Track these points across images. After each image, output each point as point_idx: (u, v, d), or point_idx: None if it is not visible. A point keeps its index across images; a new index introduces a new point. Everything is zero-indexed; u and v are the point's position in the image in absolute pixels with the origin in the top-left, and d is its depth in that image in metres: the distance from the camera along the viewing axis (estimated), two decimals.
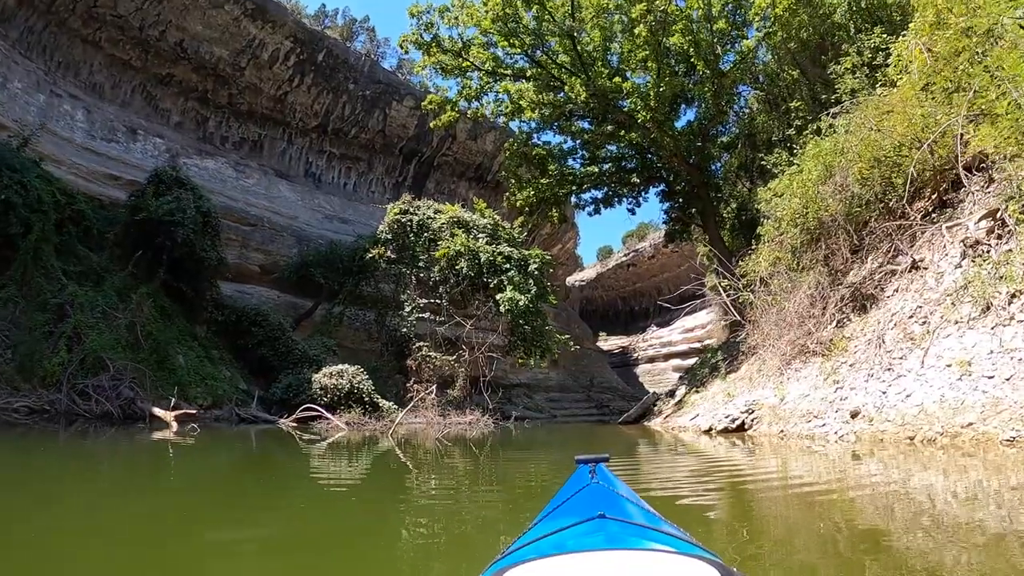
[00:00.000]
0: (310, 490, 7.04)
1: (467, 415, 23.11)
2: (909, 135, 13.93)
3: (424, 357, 26.19)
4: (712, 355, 22.00)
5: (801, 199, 14.82)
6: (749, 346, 18.40)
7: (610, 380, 44.19)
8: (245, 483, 7.98)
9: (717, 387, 17.71)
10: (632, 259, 54.23)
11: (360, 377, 22.49)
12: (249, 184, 34.43)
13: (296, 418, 20.06)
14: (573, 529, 1.67)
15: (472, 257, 25.31)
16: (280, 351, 24.73)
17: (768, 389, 13.96)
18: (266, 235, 32.48)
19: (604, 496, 2.02)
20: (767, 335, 15.69)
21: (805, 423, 11.49)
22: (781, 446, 11.17)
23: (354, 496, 6.84)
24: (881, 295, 13.69)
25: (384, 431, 18.17)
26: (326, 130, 37.23)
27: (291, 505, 5.79)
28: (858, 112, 15.02)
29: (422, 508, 5.77)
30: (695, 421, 15.69)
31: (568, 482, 2.48)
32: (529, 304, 24.51)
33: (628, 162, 27.38)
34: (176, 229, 22.34)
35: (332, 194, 38.19)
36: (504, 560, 1.60)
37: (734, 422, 13.16)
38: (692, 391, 19.44)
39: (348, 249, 29.61)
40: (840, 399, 11.37)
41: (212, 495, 6.54)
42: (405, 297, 27.35)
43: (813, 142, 15.71)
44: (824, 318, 14.03)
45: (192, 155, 32.85)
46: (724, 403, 15.13)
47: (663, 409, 20.58)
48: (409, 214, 28.04)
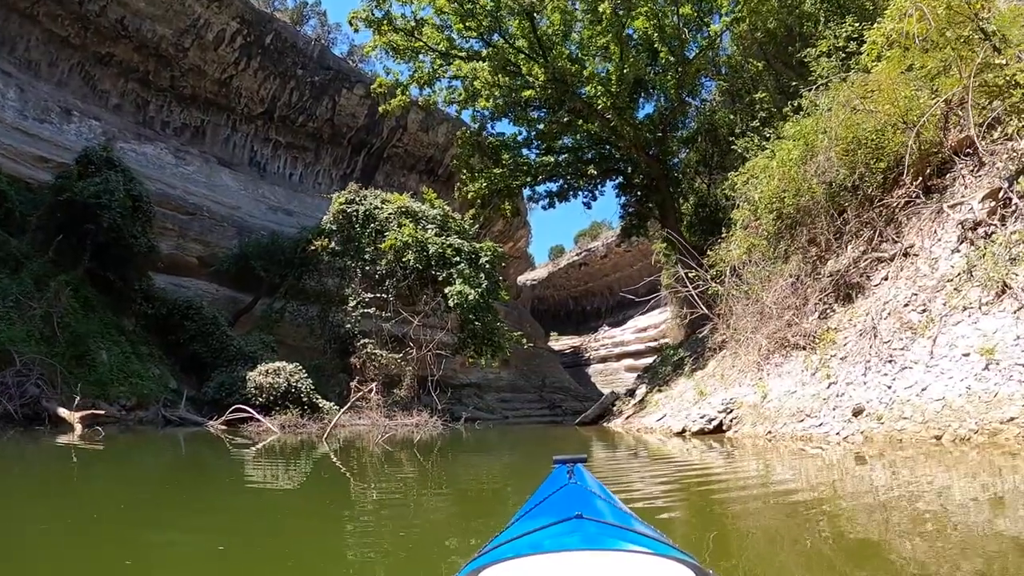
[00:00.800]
0: (234, 515, 5.24)
1: (414, 416, 21.27)
2: (894, 116, 12.72)
3: (369, 355, 24.18)
4: (674, 352, 20.61)
5: (780, 180, 13.44)
6: (717, 341, 17.02)
7: (562, 380, 42.71)
8: (131, 510, 6.05)
9: (684, 385, 16.27)
10: (584, 258, 52.93)
11: (299, 376, 20.43)
12: (189, 172, 32.06)
13: (226, 420, 17.90)
14: (550, 529, 1.64)
15: (420, 249, 23.44)
16: (214, 347, 22.54)
17: (746, 387, 12.52)
18: (205, 225, 30.18)
19: (581, 496, 2.00)
20: (740, 329, 14.28)
21: (796, 423, 10.04)
22: (768, 449, 9.75)
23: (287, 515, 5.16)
24: (867, 284, 12.44)
25: (324, 434, 16.19)
26: (272, 117, 34.99)
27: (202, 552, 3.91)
28: (841, 90, 13.73)
29: (365, 526, 4.84)
30: (663, 422, 14.18)
31: (546, 482, 2.40)
32: (480, 299, 22.77)
33: (585, 153, 25.90)
34: (103, 213, 20.41)
35: (277, 184, 35.94)
36: (481, 559, 1.57)
37: (711, 423, 11.66)
38: (654, 390, 17.97)
39: (291, 240, 27.50)
40: (836, 395, 9.96)
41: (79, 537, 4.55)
42: (350, 291, 25.29)
43: (792, 120, 14.37)
44: (807, 309, 12.67)
45: (130, 139, 30.45)
46: (696, 402, 13.66)
47: (623, 409, 19.06)
48: (355, 204, 26.00)
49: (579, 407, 38.15)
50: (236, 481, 8.04)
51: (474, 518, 5.17)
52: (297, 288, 26.92)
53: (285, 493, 6.99)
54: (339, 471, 9.48)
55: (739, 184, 15.10)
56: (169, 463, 10.77)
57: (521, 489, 5.80)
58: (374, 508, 5.87)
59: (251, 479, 8.28)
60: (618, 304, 53.33)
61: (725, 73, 25.29)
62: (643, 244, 47.99)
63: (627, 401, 19.55)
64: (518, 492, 6.30)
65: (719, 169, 27.96)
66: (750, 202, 14.26)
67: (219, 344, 22.53)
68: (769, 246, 14.22)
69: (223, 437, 15.77)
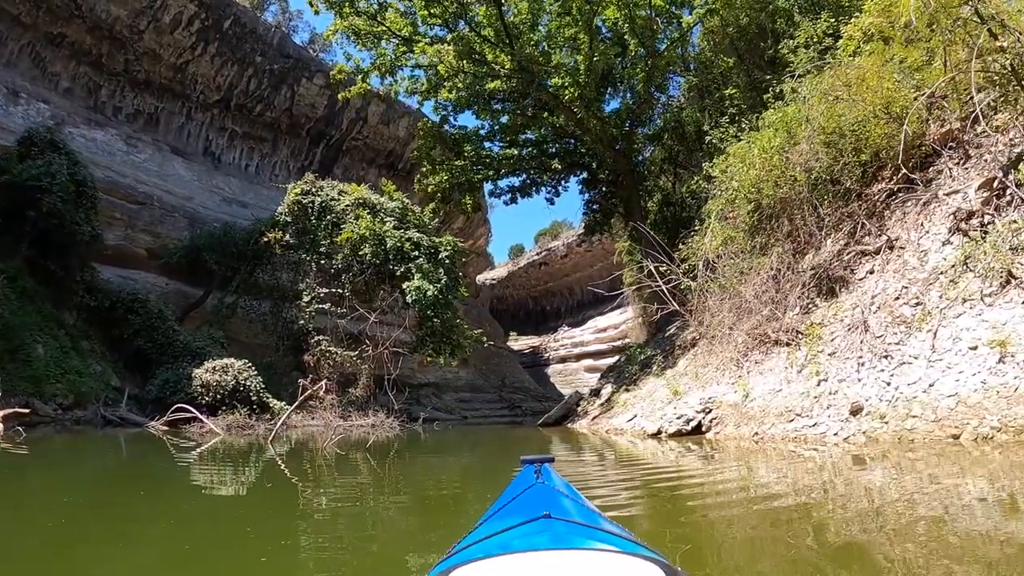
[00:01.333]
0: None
1: (370, 417, 20.05)
2: (877, 107, 12.11)
3: (323, 352, 22.88)
4: (640, 351, 19.79)
5: (760, 168, 12.69)
6: (688, 339, 16.27)
7: (522, 380, 41.75)
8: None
9: (654, 385, 15.43)
10: (545, 258, 52.07)
11: (248, 373, 19.08)
12: (140, 160, 30.26)
13: (168, 420, 16.45)
14: (519, 529, 1.63)
15: (378, 242, 22.22)
16: (159, 343, 21.06)
17: (724, 385, 11.71)
18: (155, 215, 28.45)
19: (549, 496, 1.99)
20: (715, 325, 13.50)
21: (786, 423, 9.23)
22: (753, 451, 8.94)
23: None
24: (851, 277, 11.80)
25: (275, 435, 14.91)
26: (229, 105, 33.34)
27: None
28: (823, 78, 13.07)
29: (317, 542, 4.15)
30: (634, 423, 13.29)
31: (513, 482, 2.37)
32: (439, 295, 21.65)
33: (549, 146, 25.02)
34: (43, 197, 19.08)
35: (232, 175, 34.25)
36: (450, 560, 1.55)
37: (688, 423, 10.80)
38: (622, 390, 17.10)
39: (244, 232, 25.98)
40: (828, 393, 9.19)
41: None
42: (304, 286, 23.95)
43: (774, 107, 13.65)
44: (787, 303, 11.92)
45: (80, 124, 28.62)
46: (670, 402, 12.80)
47: (588, 409, 18.15)
48: (311, 195, 24.66)
49: (539, 407, 37.27)
50: (176, 491, 6.90)
51: (434, 530, 4.61)
52: (250, 282, 25.45)
53: (229, 503, 5.91)
54: (286, 477, 8.34)
55: (717, 172, 14.31)
56: (100, 469, 9.49)
57: (484, 496, 5.05)
58: (325, 519, 5.17)
59: (192, 486, 7.16)
60: (578, 304, 52.72)
61: (694, 69, 24.70)
62: (604, 244, 47.42)
63: (592, 401, 18.66)
64: (481, 499, 5.59)
65: (685, 168, 27.47)
66: (728, 191, 13.46)
67: (165, 339, 21.02)
68: (746, 238, 13.46)
69: (164, 439, 14.44)
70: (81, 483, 7.67)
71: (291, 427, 19.08)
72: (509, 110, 24.11)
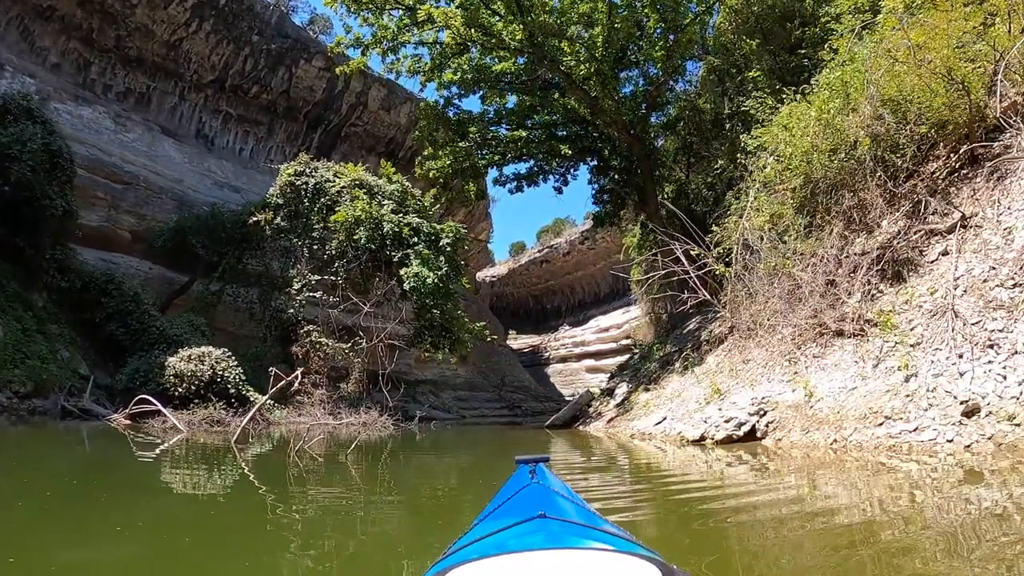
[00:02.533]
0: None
1: (362, 414, 18.05)
2: (941, 73, 10.29)
3: (313, 344, 20.91)
4: (659, 347, 17.81)
5: (816, 135, 10.77)
6: (717, 333, 14.33)
7: (522, 379, 39.75)
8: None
9: (680, 384, 13.50)
10: (546, 255, 50.04)
11: (226, 363, 17.08)
12: (129, 139, 28.26)
13: (131, 414, 14.43)
14: (514, 529, 1.61)
15: (374, 226, 20.25)
16: (133, 328, 19.06)
17: (777, 383, 9.79)
18: (141, 196, 26.43)
19: (544, 496, 1.96)
20: (758, 315, 11.56)
21: (873, 427, 7.33)
22: (827, 462, 7.03)
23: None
24: (920, 260, 9.93)
25: (241, 434, 12.94)
26: (223, 86, 31.32)
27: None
28: (883, 37, 11.17)
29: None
30: (665, 427, 11.35)
31: (508, 482, 2.35)
32: (439, 283, 19.67)
33: (559, 130, 23.08)
34: (11, 165, 17.10)
35: (225, 159, 32.22)
36: (445, 561, 1.53)
37: (740, 427, 8.87)
38: (639, 389, 15.15)
39: (233, 215, 23.99)
40: (926, 390, 7.30)
41: None
42: (295, 273, 21.94)
43: (829, 67, 11.73)
44: (846, 289, 9.99)
45: (66, 100, 26.63)
46: (708, 403, 10.87)
47: (602, 411, 16.20)
48: (305, 176, 22.65)
49: (539, 408, 35.35)
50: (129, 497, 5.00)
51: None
52: (237, 269, 23.46)
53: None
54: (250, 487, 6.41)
55: (756, 144, 12.39)
56: (36, 470, 7.51)
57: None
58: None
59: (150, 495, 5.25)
60: (579, 303, 50.81)
61: (714, 52, 22.84)
62: (608, 241, 45.55)
63: (605, 401, 16.70)
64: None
65: (699, 158, 25.59)
66: (774, 162, 11.51)
67: (139, 325, 19.02)
68: (799, 215, 11.54)
69: (127, 434, 12.52)
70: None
71: (274, 424, 17.13)
72: (517, 88, 22.12)
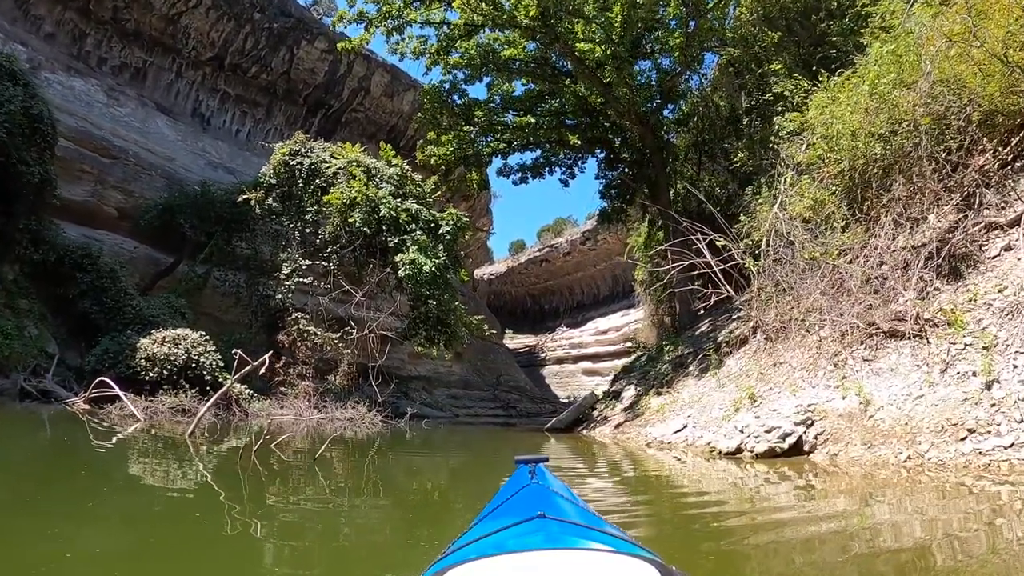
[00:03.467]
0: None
1: (349, 409, 16.67)
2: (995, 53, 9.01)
3: (301, 332, 19.52)
4: (669, 348, 16.40)
5: (866, 113, 9.43)
6: (738, 334, 12.98)
7: (518, 379, 38.31)
8: None
9: (699, 388, 12.14)
10: (546, 255, 48.59)
11: (204, 348, 15.70)
12: (121, 114, 26.86)
13: (90, 398, 13.00)
14: (513, 529, 1.59)
15: (370, 209, 18.87)
16: (107, 307, 17.62)
17: (823, 389, 8.44)
18: (129, 171, 24.94)
19: (543, 496, 1.93)
20: (789, 313, 10.21)
21: (955, 442, 6.02)
22: (894, 483, 5.67)
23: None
24: (980, 255, 8.63)
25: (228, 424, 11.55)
26: (222, 64, 29.91)
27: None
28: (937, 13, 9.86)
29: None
30: (685, 435, 9.98)
31: (507, 483, 2.32)
32: (435, 272, 18.27)
33: (568, 118, 21.73)
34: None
35: (221, 140, 30.80)
36: (444, 560, 1.51)
37: (785, 439, 7.49)
38: (650, 393, 13.77)
39: (224, 194, 22.59)
40: (1017, 398, 5.94)
41: None
42: (285, 257, 20.54)
43: (880, 40, 10.38)
44: (906, 285, 8.65)
45: (58, 71, 25.27)
46: (739, 410, 9.50)
47: (608, 415, 14.81)
48: (300, 156, 21.25)
49: (534, 409, 33.96)
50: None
51: None
52: (226, 251, 22.03)
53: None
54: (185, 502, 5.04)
55: (811, 114, 11.03)
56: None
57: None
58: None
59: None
60: (578, 305, 49.44)
61: (733, 43, 21.55)
62: (608, 244, 44.22)
63: (611, 405, 15.30)
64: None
65: (711, 157, 24.30)
66: (824, 140, 10.13)
67: (114, 303, 17.57)
68: (840, 203, 10.20)
69: (86, 420, 11.12)
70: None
71: (253, 416, 15.73)
72: (526, 74, 20.74)
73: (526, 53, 20.70)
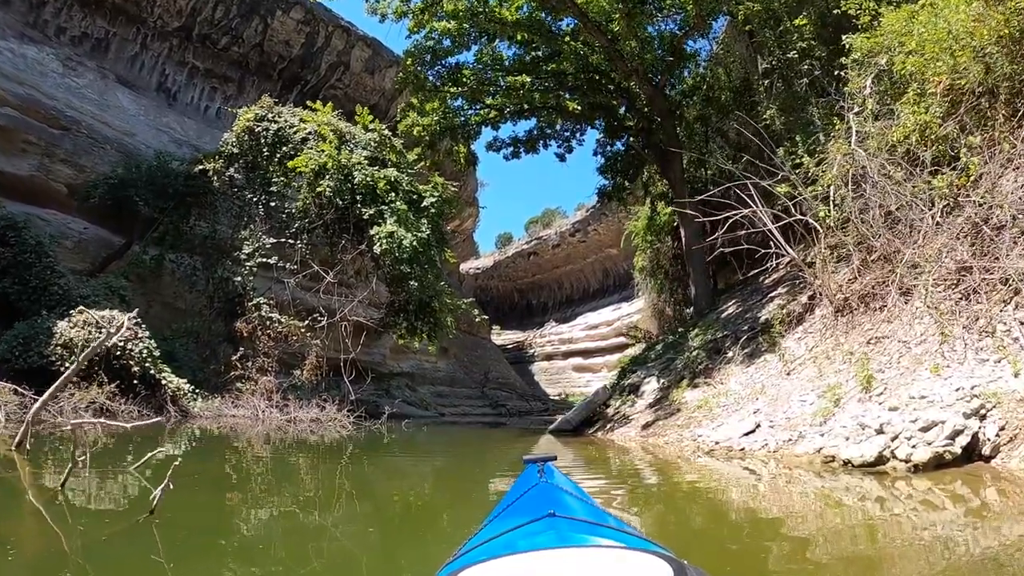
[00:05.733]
0: None
1: (313, 408, 13.80)
2: None
3: (263, 319, 16.61)
4: (697, 330, 13.53)
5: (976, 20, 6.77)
6: (790, 310, 10.28)
7: (507, 376, 35.41)
8: None
9: (755, 377, 9.38)
10: (535, 247, 45.64)
11: (135, 333, 12.62)
12: (78, 84, 23.75)
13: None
14: (524, 528, 1.57)
15: (342, 177, 15.99)
16: (31, 286, 14.50)
17: (979, 365, 5.68)
18: (81, 144, 21.77)
19: (553, 495, 1.89)
20: (887, 270, 7.52)
21: None
22: None
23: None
24: None
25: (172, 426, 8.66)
26: (190, 35, 26.78)
27: None
28: None
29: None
30: (761, 438, 7.21)
31: (517, 482, 2.27)
32: (417, 247, 15.41)
33: (568, 79, 18.97)
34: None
35: (188, 116, 27.68)
36: (456, 562, 1.49)
37: (955, 439, 4.74)
38: (683, 385, 10.94)
39: (183, 164, 19.72)
40: None
41: None
42: (247, 234, 17.60)
43: None
44: None
45: (9, 38, 22.07)
46: (844, 403, 6.74)
47: (627, 413, 11.97)
48: (267, 122, 18.31)
49: (525, 407, 31.13)
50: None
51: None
52: (182, 230, 19.03)
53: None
54: None
55: (867, 47, 8.33)
56: None
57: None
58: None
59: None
60: (567, 299, 46.66)
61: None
62: (599, 235, 41.53)
63: (629, 401, 12.45)
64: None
65: (717, 134, 21.68)
66: (941, 43, 7.39)
67: (39, 282, 14.48)
68: (941, 129, 7.52)
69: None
70: None
71: (195, 419, 12.84)
72: (522, 28, 17.91)
73: (520, 15, 18.00)
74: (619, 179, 21.36)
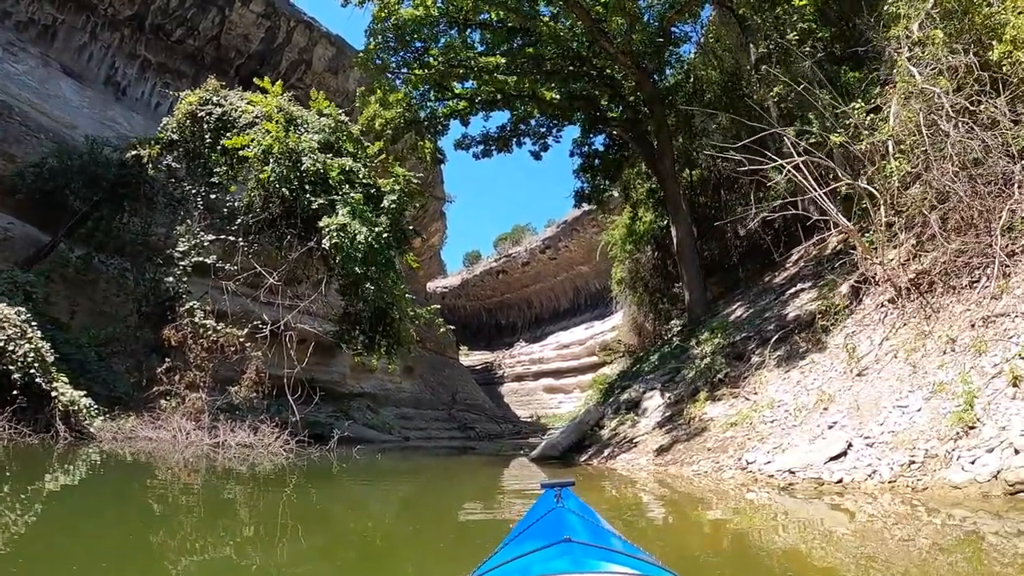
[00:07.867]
0: None
1: (245, 431, 11.21)
2: None
3: (196, 327, 13.93)
4: (705, 334, 11.22)
5: None
6: (831, 301, 8.15)
7: (476, 397, 32.79)
8: None
9: (810, 382, 7.17)
10: (504, 265, 43.29)
11: (23, 332, 9.94)
12: (16, 70, 21.11)
13: None
14: (539, 553, 1.50)
15: (289, 163, 13.52)
16: None
17: None
18: (12, 131, 18.88)
19: (569, 520, 1.82)
20: (977, 240, 5.41)
21: None
22: None
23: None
24: None
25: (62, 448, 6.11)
26: (143, 26, 24.40)
27: None
28: None
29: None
30: (864, 465, 4.92)
31: (534, 507, 2.19)
32: (373, 244, 12.92)
33: (547, 64, 16.89)
34: None
35: (137, 112, 25.11)
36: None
37: None
38: (701, 398, 8.66)
39: (117, 151, 17.09)
40: None
41: None
42: (183, 230, 14.94)
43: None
44: None
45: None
46: (984, 400, 4.53)
47: (630, 435, 9.63)
48: (211, 106, 15.75)
49: (495, 430, 28.56)
50: None
51: None
52: (112, 225, 16.35)
53: None
54: None
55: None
56: None
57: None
58: None
59: None
60: (536, 319, 44.38)
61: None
62: (570, 252, 39.49)
63: (629, 420, 10.12)
64: None
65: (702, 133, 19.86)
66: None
67: None
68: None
69: None
70: None
71: (97, 440, 10.15)
72: (497, 5, 15.80)
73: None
74: (598, 180, 19.31)
